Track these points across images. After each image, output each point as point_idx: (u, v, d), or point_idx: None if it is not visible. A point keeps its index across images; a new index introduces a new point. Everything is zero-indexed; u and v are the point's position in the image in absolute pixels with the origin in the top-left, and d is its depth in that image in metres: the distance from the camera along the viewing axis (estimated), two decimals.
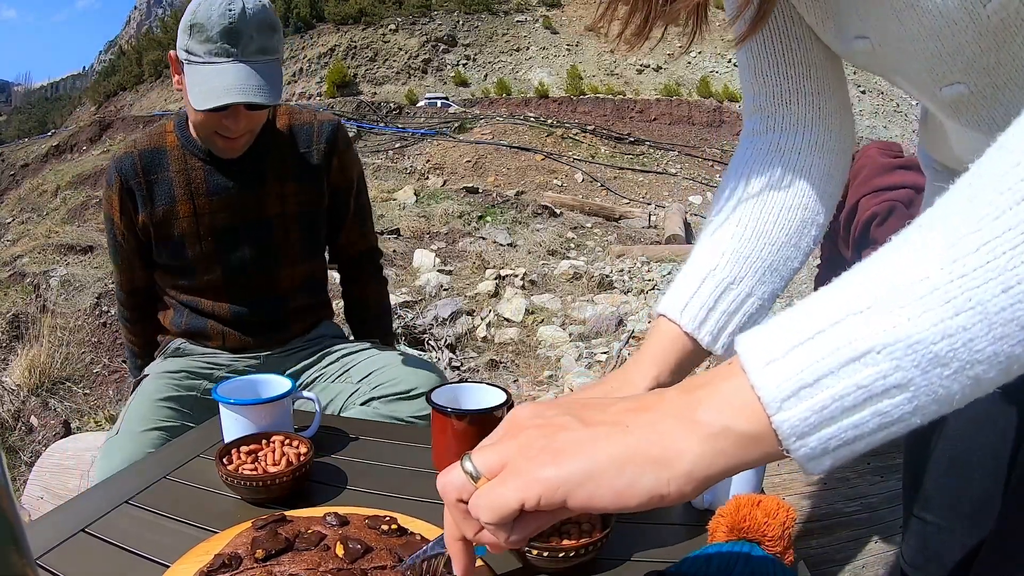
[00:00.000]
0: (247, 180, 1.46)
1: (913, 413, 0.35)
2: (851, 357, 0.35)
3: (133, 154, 1.44)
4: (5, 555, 0.43)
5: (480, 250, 7.67)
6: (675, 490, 0.40)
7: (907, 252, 0.36)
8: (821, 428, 0.36)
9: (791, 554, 0.65)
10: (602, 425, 0.42)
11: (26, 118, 77.40)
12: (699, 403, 0.40)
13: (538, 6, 33.83)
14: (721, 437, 0.39)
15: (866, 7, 0.60)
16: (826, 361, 0.36)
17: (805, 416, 0.36)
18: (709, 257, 0.72)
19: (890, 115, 24.62)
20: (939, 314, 0.33)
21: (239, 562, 0.66)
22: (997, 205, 0.33)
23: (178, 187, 1.43)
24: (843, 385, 0.35)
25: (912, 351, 0.34)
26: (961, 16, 0.53)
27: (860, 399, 0.35)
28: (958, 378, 0.34)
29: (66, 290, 5.45)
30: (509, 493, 0.41)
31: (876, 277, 0.36)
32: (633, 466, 0.40)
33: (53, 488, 1.74)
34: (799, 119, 0.74)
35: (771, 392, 0.37)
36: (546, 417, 0.44)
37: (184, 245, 1.46)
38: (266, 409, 0.98)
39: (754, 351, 0.38)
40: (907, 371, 0.34)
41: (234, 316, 1.53)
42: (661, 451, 0.40)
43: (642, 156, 18.95)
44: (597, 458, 0.40)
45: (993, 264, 0.33)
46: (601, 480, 0.40)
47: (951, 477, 0.95)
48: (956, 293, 0.33)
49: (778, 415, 0.37)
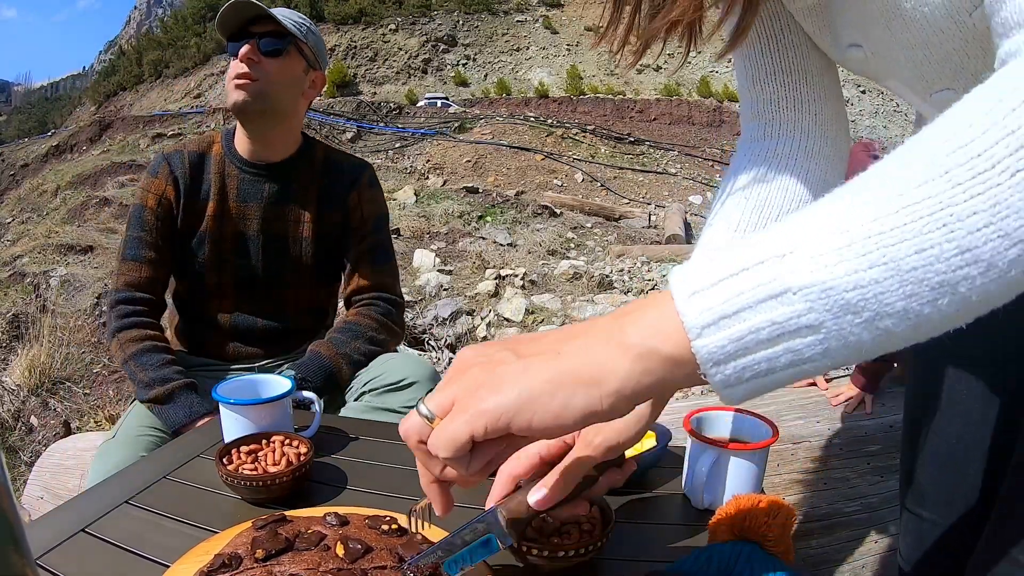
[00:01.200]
0: (274, 195, 1.53)
1: (824, 355, 0.38)
2: (769, 295, 0.38)
3: (183, 152, 1.53)
4: (5, 555, 0.43)
5: (480, 250, 7.68)
6: (608, 407, 0.43)
7: (836, 207, 0.39)
8: (737, 357, 0.39)
9: (791, 554, 0.65)
10: (536, 355, 0.45)
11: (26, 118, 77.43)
12: (628, 327, 0.43)
13: (538, 6, 33.84)
14: (647, 357, 0.42)
15: (858, 17, 0.61)
16: (746, 296, 0.38)
17: (722, 344, 0.39)
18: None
19: (890, 115, 24.64)
20: (853, 265, 0.36)
21: (239, 562, 0.66)
22: (921, 175, 0.36)
23: (213, 188, 1.51)
24: (759, 319, 0.38)
25: (825, 296, 0.37)
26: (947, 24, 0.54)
27: (774, 334, 0.38)
28: (868, 327, 0.37)
29: (66, 290, 5.46)
30: (458, 427, 0.45)
31: (804, 226, 0.39)
32: (566, 388, 0.43)
33: (53, 488, 1.74)
34: (796, 125, 0.75)
35: (693, 319, 0.40)
36: (487, 355, 0.47)
37: (203, 243, 1.51)
38: (266, 409, 0.98)
39: (683, 282, 0.41)
40: (819, 313, 0.37)
41: (233, 325, 1.55)
42: (592, 372, 0.42)
43: (642, 156, 18.95)
44: (532, 384, 0.43)
45: (910, 227, 0.36)
46: (538, 404, 0.43)
47: (946, 474, 0.96)
48: (872, 248, 0.36)
49: (698, 340, 0.40)
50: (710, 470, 0.80)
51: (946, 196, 0.35)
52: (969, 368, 0.92)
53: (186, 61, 36.99)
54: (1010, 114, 0.36)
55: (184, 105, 28.53)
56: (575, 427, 0.43)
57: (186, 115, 23.64)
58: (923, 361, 1.00)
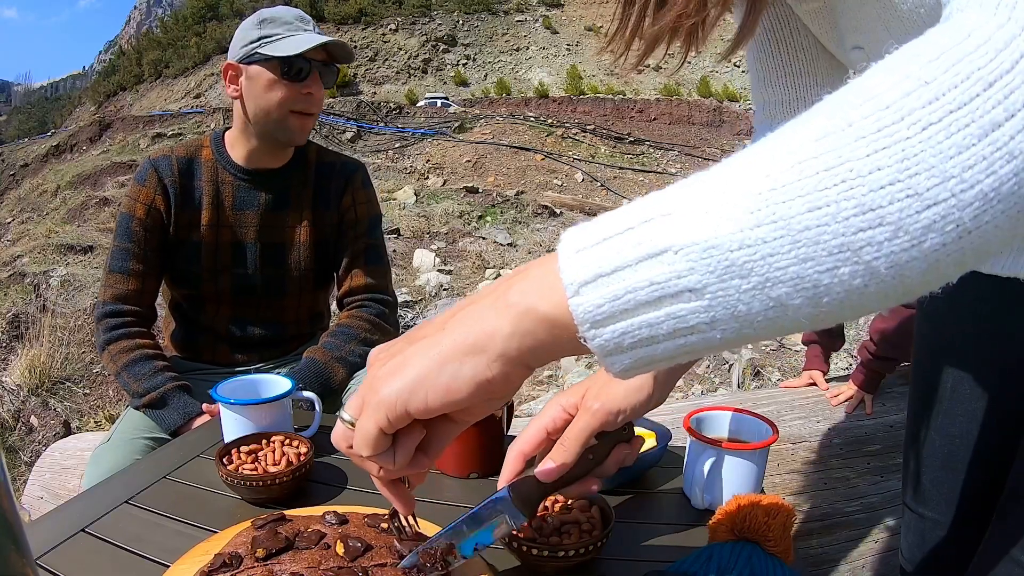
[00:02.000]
0: (271, 201, 1.51)
1: (711, 326, 0.35)
2: (649, 253, 0.35)
3: (170, 157, 1.49)
4: (5, 555, 0.43)
5: (480, 250, 7.68)
6: (497, 372, 0.41)
7: (728, 167, 0.36)
8: (615, 320, 0.36)
9: (791, 554, 0.65)
10: (424, 337, 0.45)
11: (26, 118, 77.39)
12: (511, 287, 0.41)
13: (538, 6, 33.83)
14: (526, 317, 0.40)
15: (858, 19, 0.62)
16: (625, 253, 0.36)
17: (599, 303, 0.36)
18: None
19: None
20: (739, 223, 0.33)
21: (239, 561, 0.66)
22: (823, 127, 0.33)
23: (205, 196, 1.48)
24: (637, 278, 0.35)
25: (708, 255, 0.34)
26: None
27: (653, 296, 0.35)
28: (758, 296, 0.33)
29: (66, 290, 5.46)
30: (365, 423, 0.45)
31: (693, 185, 0.37)
32: (452, 361, 0.42)
33: (53, 488, 1.74)
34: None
35: (571, 276, 0.37)
36: (387, 350, 0.48)
37: (200, 252, 1.49)
38: (266, 409, 0.98)
39: (569, 240, 0.39)
40: (702, 275, 0.34)
41: (231, 333, 1.54)
42: (475, 338, 0.41)
43: (642, 156, 18.95)
44: (420, 365, 0.43)
45: (803, 183, 0.32)
46: (427, 383, 0.42)
47: (949, 473, 0.96)
48: (761, 205, 0.33)
49: (574, 298, 0.37)
50: (710, 470, 0.80)
51: (847, 150, 0.32)
52: (972, 368, 0.92)
53: (186, 61, 36.99)
54: (925, 66, 0.33)
55: (184, 105, 28.52)
56: (471, 399, 0.42)
57: (186, 115, 23.63)
58: (926, 360, 1.00)
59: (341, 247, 1.57)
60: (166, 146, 1.58)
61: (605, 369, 0.39)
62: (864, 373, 1.69)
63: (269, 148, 1.48)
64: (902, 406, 1.68)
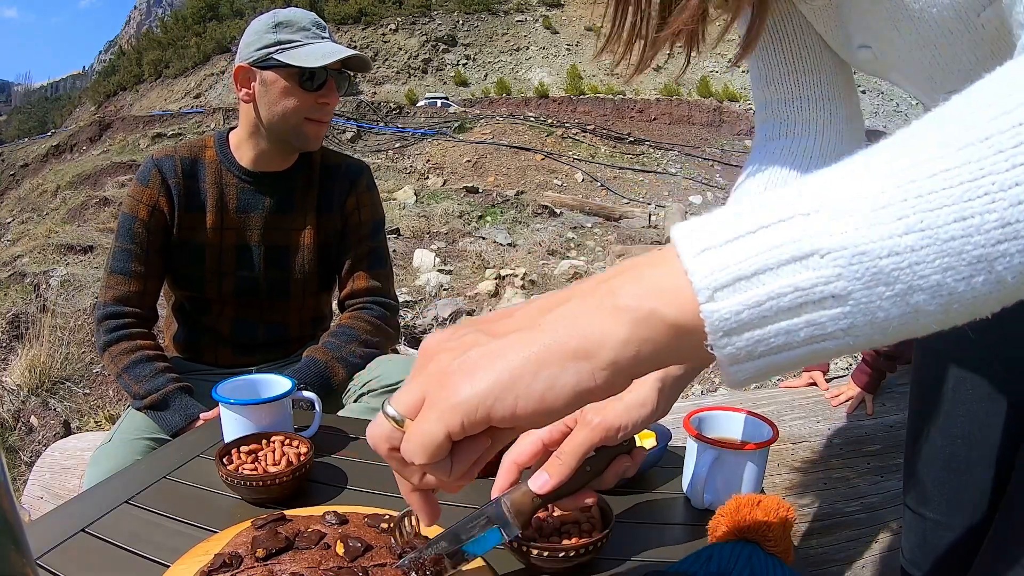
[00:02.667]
0: (276, 204, 1.51)
1: (847, 332, 0.34)
2: (794, 256, 0.33)
3: (174, 157, 1.47)
4: (5, 555, 0.43)
5: (480, 250, 7.68)
6: (603, 382, 0.37)
7: (867, 163, 0.35)
8: (752, 328, 0.34)
9: (791, 554, 0.65)
10: (512, 332, 0.39)
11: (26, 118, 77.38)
12: (620, 288, 0.37)
13: (538, 6, 33.83)
14: (646, 323, 0.36)
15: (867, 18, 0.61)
16: (767, 255, 0.33)
17: (737, 311, 0.34)
18: None
19: (890, 115, 24.64)
20: (889, 229, 0.32)
21: (239, 561, 0.66)
22: (961, 139, 0.32)
23: (210, 198, 1.47)
24: (781, 284, 0.33)
25: (857, 261, 0.32)
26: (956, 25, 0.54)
27: (796, 302, 0.33)
28: (898, 302, 0.33)
29: (66, 290, 5.46)
30: (432, 426, 0.39)
31: (831, 183, 0.35)
32: (551, 365, 0.37)
33: (53, 488, 1.74)
34: (811, 124, 0.74)
35: (704, 279, 0.34)
36: (455, 338, 0.41)
37: (203, 255, 1.48)
38: (266, 409, 0.98)
39: (691, 237, 0.35)
40: (849, 281, 0.33)
41: (233, 334, 1.54)
42: (579, 343, 0.37)
43: (642, 156, 18.95)
44: (511, 365, 0.37)
45: (950, 192, 0.32)
46: (519, 387, 0.37)
47: (950, 473, 0.96)
48: (909, 212, 0.32)
49: (709, 304, 0.34)
50: (710, 470, 0.80)
51: (988, 162, 0.31)
52: (974, 367, 0.92)
53: (186, 61, 37.00)
54: None
55: (184, 105, 28.52)
56: (566, 410, 0.38)
57: (186, 115, 23.63)
58: (928, 360, 1.00)
59: (344, 250, 1.56)
60: (168, 146, 1.57)
61: (725, 378, 0.36)
62: (865, 373, 1.69)
63: (279, 151, 1.48)
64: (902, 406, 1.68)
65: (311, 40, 1.40)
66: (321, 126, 1.46)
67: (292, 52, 1.38)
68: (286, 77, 1.39)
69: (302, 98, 1.40)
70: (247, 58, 1.41)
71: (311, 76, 1.39)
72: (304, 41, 1.40)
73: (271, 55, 1.38)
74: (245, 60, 1.42)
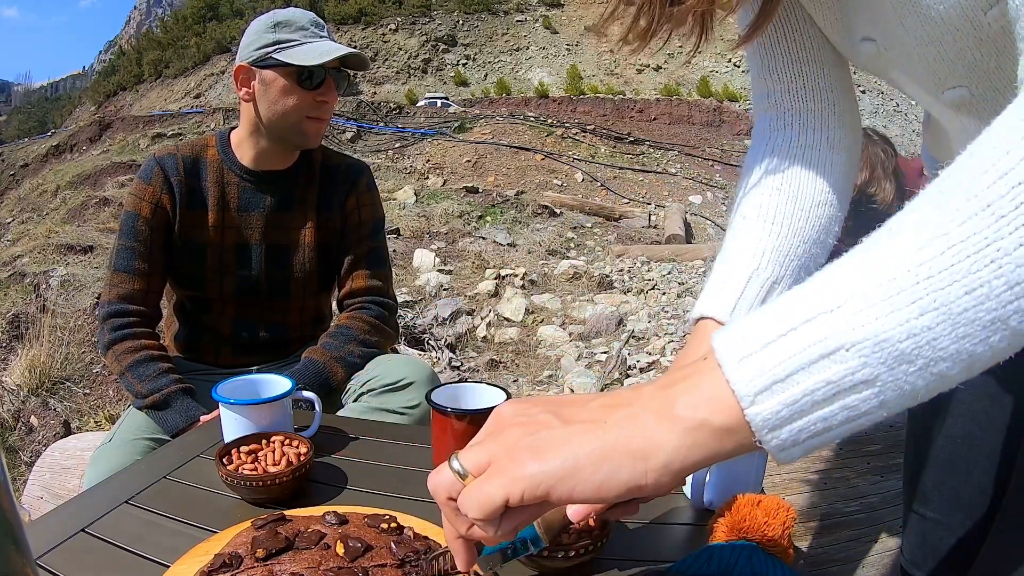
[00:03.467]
0: (277, 203, 1.51)
1: (880, 407, 0.37)
2: (822, 354, 0.37)
3: (176, 155, 1.48)
4: (5, 555, 0.43)
5: (480, 250, 7.68)
6: (652, 481, 0.41)
7: (877, 253, 0.38)
8: (792, 421, 0.38)
9: (791, 554, 0.65)
10: (581, 422, 0.43)
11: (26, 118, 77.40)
12: (676, 398, 0.42)
13: (538, 6, 33.84)
14: (698, 431, 0.40)
15: (872, 11, 0.61)
16: (798, 357, 0.37)
17: (777, 410, 0.38)
18: (750, 257, 0.70)
19: (890, 115, 24.64)
20: (905, 314, 0.35)
21: (239, 561, 0.66)
22: (963, 211, 0.35)
23: (211, 197, 1.48)
24: (813, 381, 0.37)
25: (879, 348, 0.36)
26: (962, 23, 0.54)
27: (829, 394, 0.37)
28: (923, 374, 0.36)
29: (66, 290, 5.46)
30: (494, 490, 0.43)
31: (847, 277, 0.38)
32: (612, 460, 0.41)
33: (53, 488, 1.74)
34: (816, 116, 0.74)
35: (745, 387, 0.39)
36: (529, 415, 0.45)
37: (205, 253, 1.49)
38: (266, 409, 0.98)
39: (730, 348, 0.40)
40: (874, 367, 0.36)
41: (234, 334, 1.54)
42: (639, 445, 0.41)
43: (642, 156, 18.95)
44: (577, 454, 0.42)
45: (957, 267, 0.35)
46: (581, 475, 0.41)
47: (950, 473, 0.96)
48: (922, 294, 0.35)
49: (751, 408, 0.38)
50: (710, 470, 0.80)
51: (991, 231, 0.34)
52: None
53: (186, 61, 36.99)
54: None
55: (184, 105, 28.54)
56: (615, 500, 0.42)
57: (186, 115, 23.64)
58: None
59: (344, 249, 1.57)
60: (170, 145, 1.58)
61: (776, 461, 0.40)
62: None
63: (279, 150, 1.49)
64: None
65: (309, 39, 1.41)
66: (321, 124, 1.47)
67: (290, 51, 1.39)
68: (285, 76, 1.40)
69: (301, 96, 1.41)
70: (247, 58, 1.42)
71: (310, 75, 1.40)
72: (302, 40, 1.41)
73: (270, 54, 1.39)
74: (245, 60, 1.42)
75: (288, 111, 1.42)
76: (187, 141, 1.56)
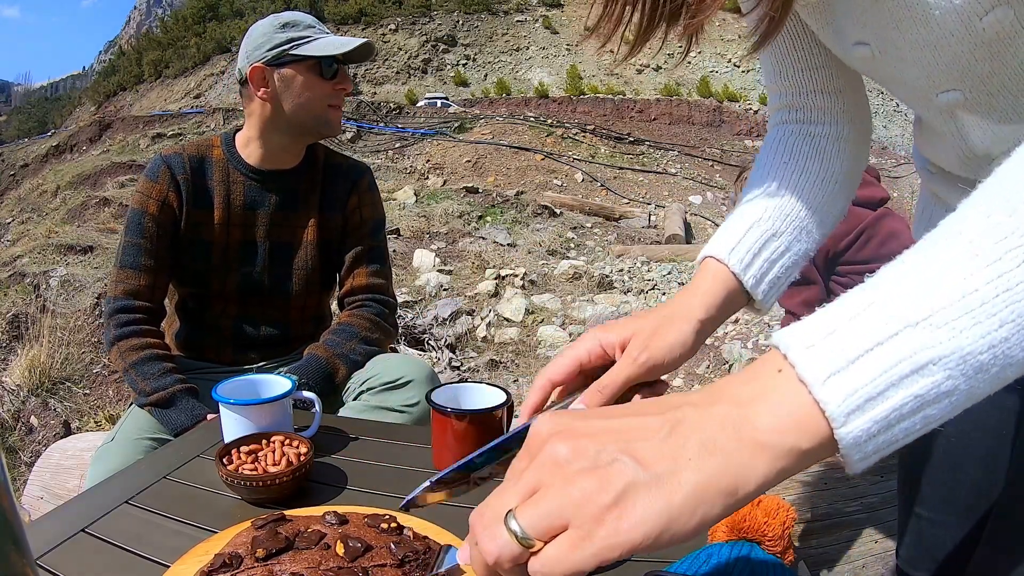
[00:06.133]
0: (281, 201, 1.54)
1: (951, 412, 0.38)
2: (912, 369, 0.37)
3: (182, 154, 1.50)
4: (5, 555, 0.43)
5: (480, 250, 7.68)
6: (731, 511, 0.40)
7: (955, 259, 0.38)
8: (879, 435, 0.38)
9: (791, 554, 0.65)
10: (664, 464, 0.39)
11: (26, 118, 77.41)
12: (757, 420, 0.39)
13: (538, 6, 33.85)
14: (786, 457, 0.39)
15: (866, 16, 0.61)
16: (889, 374, 0.37)
17: (868, 427, 0.37)
18: (754, 210, 0.76)
19: (890, 115, 24.65)
20: (987, 327, 0.36)
21: (239, 561, 0.66)
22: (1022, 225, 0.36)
23: (217, 195, 1.50)
24: (903, 396, 0.37)
25: (963, 362, 0.36)
26: (958, 28, 0.54)
27: (916, 407, 0.37)
28: (993, 381, 0.37)
29: (66, 290, 5.46)
30: (585, 560, 0.38)
31: (927, 285, 0.38)
32: (705, 503, 0.39)
33: (53, 488, 1.74)
34: (827, 112, 0.78)
35: (837, 407, 0.37)
36: (593, 456, 0.40)
37: (210, 251, 1.50)
38: (266, 409, 0.98)
39: (813, 362, 0.38)
40: (956, 379, 0.37)
41: (236, 332, 1.55)
42: (730, 481, 0.39)
43: (642, 156, 18.96)
44: (671, 507, 0.38)
45: None
46: (676, 527, 0.38)
47: (945, 472, 0.96)
48: (1001, 307, 0.36)
49: (843, 428, 0.37)
50: None
51: None
52: None
53: (186, 61, 36.99)
54: None
55: (184, 105, 28.54)
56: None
57: (186, 115, 23.65)
58: None
59: (345, 248, 1.59)
60: (176, 144, 1.64)
61: (850, 469, 0.39)
62: None
63: (292, 146, 1.53)
64: None
65: (319, 35, 1.48)
66: (340, 112, 1.55)
67: (308, 46, 1.46)
68: (304, 70, 1.46)
69: (322, 87, 1.47)
70: (260, 59, 1.45)
71: (328, 66, 1.47)
72: (313, 36, 1.47)
73: (286, 52, 1.45)
74: (259, 61, 1.45)
75: (313, 102, 1.48)
76: (192, 141, 1.58)
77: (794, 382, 0.39)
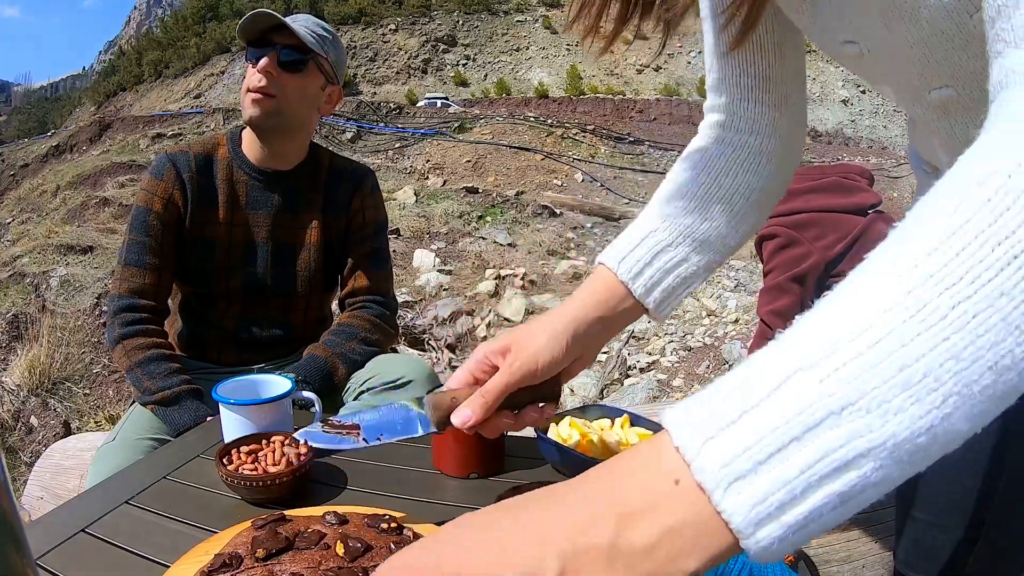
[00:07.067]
0: (284, 202, 1.54)
1: (875, 499, 0.33)
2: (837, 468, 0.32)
3: (188, 153, 1.50)
4: (5, 555, 0.43)
5: (480, 250, 7.68)
6: None
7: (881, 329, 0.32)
8: (792, 537, 0.33)
9: (791, 554, 0.65)
10: None
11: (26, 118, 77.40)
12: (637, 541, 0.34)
13: (538, 6, 33.84)
14: None
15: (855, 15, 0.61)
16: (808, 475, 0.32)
17: (780, 534, 0.32)
18: (652, 220, 0.78)
19: (890, 115, 24.64)
20: (927, 405, 0.31)
21: (239, 561, 0.66)
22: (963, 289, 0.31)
23: (221, 194, 1.50)
24: (823, 496, 0.32)
25: (897, 449, 0.32)
26: (949, 26, 0.54)
27: (838, 504, 0.32)
28: (930, 459, 0.33)
29: (66, 290, 5.46)
30: None
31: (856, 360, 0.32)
32: None
33: (53, 488, 1.74)
34: (759, 123, 0.78)
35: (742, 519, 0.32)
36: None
37: (214, 250, 1.50)
38: (266, 409, 0.98)
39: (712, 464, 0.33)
40: (888, 468, 0.32)
41: (238, 332, 1.55)
42: None
43: (642, 156, 18.96)
44: None
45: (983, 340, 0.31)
46: None
47: (940, 475, 0.96)
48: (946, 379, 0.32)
49: (750, 539, 0.33)
50: None
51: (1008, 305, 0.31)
52: None
53: (186, 61, 36.99)
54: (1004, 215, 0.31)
55: (184, 105, 28.54)
56: None
57: (186, 115, 23.65)
58: None
59: (347, 249, 1.60)
60: (182, 143, 1.63)
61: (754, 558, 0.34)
62: None
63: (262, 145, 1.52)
64: None
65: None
66: (260, 97, 1.43)
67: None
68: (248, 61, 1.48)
69: (249, 74, 1.46)
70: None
71: (252, 52, 1.45)
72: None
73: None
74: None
75: (242, 93, 1.48)
76: (198, 140, 1.58)
77: (691, 491, 0.33)
